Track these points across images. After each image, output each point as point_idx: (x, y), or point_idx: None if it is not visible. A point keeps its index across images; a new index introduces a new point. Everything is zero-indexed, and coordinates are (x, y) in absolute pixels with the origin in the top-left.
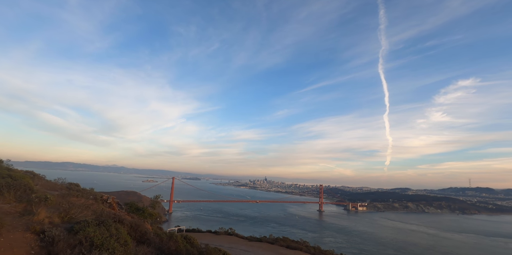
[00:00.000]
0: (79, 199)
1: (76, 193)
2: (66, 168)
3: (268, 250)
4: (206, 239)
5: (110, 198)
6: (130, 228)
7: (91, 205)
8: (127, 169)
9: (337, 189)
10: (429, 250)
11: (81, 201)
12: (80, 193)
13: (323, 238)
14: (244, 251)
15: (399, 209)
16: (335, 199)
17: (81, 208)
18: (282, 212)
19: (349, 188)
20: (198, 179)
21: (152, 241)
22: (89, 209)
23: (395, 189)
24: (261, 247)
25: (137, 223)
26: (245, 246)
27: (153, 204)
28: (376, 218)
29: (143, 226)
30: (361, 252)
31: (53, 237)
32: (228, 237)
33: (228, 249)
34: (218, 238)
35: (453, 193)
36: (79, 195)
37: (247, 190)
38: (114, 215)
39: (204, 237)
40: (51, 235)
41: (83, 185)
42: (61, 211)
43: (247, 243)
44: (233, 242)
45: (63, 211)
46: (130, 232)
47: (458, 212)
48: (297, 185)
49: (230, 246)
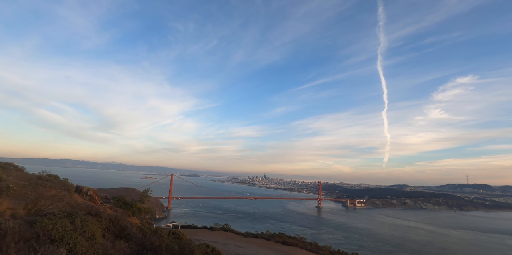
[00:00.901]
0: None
1: (44, 183)
2: (64, 165)
3: (263, 246)
4: (201, 235)
5: (91, 191)
6: (109, 222)
7: (64, 197)
8: (126, 166)
9: (335, 185)
10: (426, 246)
11: (53, 192)
12: (50, 183)
13: (322, 234)
14: (239, 247)
15: (397, 206)
16: (334, 195)
17: (51, 199)
18: (281, 209)
19: (347, 184)
20: (197, 176)
21: (133, 236)
22: (62, 201)
23: (393, 186)
24: (257, 243)
25: (117, 217)
26: (240, 242)
27: (142, 198)
28: (374, 214)
29: (124, 220)
30: (359, 248)
31: (6, 230)
32: (223, 233)
33: (223, 245)
34: (213, 234)
35: (450, 190)
36: (48, 185)
37: (245, 187)
38: (91, 207)
39: (199, 233)
40: (5, 228)
41: (82, 182)
42: (28, 203)
43: (242, 239)
44: (228, 238)
45: (31, 203)
46: (109, 226)
47: (455, 208)
48: (295, 182)
49: (225, 242)
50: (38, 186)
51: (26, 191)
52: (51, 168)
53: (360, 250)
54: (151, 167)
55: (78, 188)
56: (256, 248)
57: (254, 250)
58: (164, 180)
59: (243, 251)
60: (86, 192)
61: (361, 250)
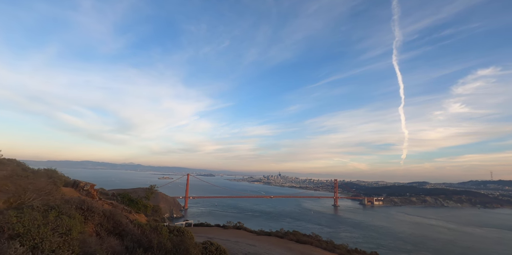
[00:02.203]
0: (34, 183)
1: (26, 173)
2: (85, 167)
3: (276, 244)
4: (214, 233)
5: (88, 185)
6: (102, 218)
7: (53, 191)
8: (144, 167)
9: (352, 183)
10: (449, 245)
11: (42, 185)
12: (33, 175)
13: (339, 233)
14: (250, 245)
15: (416, 203)
16: (350, 193)
17: (37, 193)
18: (297, 207)
19: (364, 182)
20: (212, 175)
21: (129, 233)
22: (50, 195)
23: (412, 183)
24: (269, 241)
25: (113, 213)
26: (252, 240)
27: (148, 195)
28: (393, 212)
29: (120, 216)
30: (378, 247)
31: None
32: (236, 231)
33: (234, 243)
34: (226, 232)
35: (473, 186)
36: (31, 177)
37: (261, 186)
38: (83, 202)
39: (212, 232)
40: None
41: (102, 183)
42: (10, 196)
43: (255, 237)
44: (240, 236)
45: (13, 196)
46: (102, 222)
47: (479, 206)
48: (311, 180)
49: (236, 240)
50: (21, 178)
51: (5, 183)
52: (73, 170)
53: (379, 249)
54: (168, 167)
55: (76, 182)
56: (268, 247)
57: (266, 249)
58: (181, 180)
59: (255, 250)
60: (82, 187)
61: (380, 249)
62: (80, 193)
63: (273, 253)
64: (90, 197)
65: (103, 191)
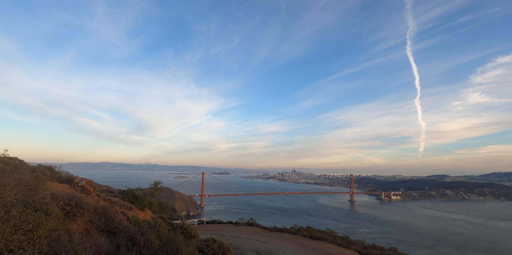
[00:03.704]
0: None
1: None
2: (104, 168)
3: (288, 240)
4: (225, 231)
5: (84, 181)
6: (93, 214)
7: (37, 186)
8: (160, 166)
9: (368, 178)
10: (472, 240)
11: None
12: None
13: (356, 228)
14: (262, 242)
15: (436, 197)
16: (367, 188)
17: (17, 188)
18: (313, 203)
19: (381, 176)
20: (227, 173)
21: (123, 230)
22: (34, 191)
23: (431, 176)
24: (281, 237)
25: (105, 209)
26: (264, 237)
27: (153, 191)
28: (411, 207)
29: (113, 213)
30: (397, 243)
31: None
32: (248, 227)
33: (245, 240)
34: (238, 229)
35: (496, 179)
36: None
37: (276, 182)
38: (72, 198)
39: (224, 229)
40: None
41: (121, 183)
42: None
43: (267, 234)
44: (252, 233)
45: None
46: (92, 218)
47: (503, 198)
48: (326, 176)
49: (248, 237)
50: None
51: None
52: (93, 171)
53: (398, 244)
54: (183, 166)
55: (71, 179)
56: (280, 243)
57: (278, 245)
58: (196, 179)
59: (265, 247)
60: (77, 183)
61: (399, 245)
62: (75, 189)
63: (284, 249)
64: (86, 193)
65: (109, 188)
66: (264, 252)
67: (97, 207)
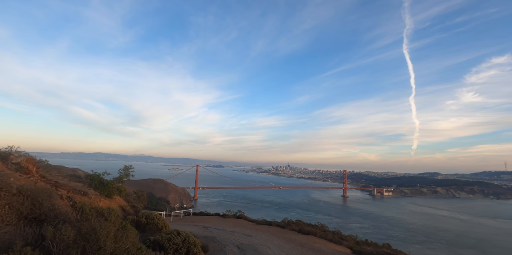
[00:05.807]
0: None
1: None
2: (98, 158)
3: (275, 234)
4: (211, 223)
5: (21, 158)
6: (16, 197)
7: None
8: (154, 158)
9: (361, 174)
10: (462, 236)
11: None
12: None
13: (349, 223)
14: (247, 235)
15: (427, 194)
16: (360, 184)
17: None
18: (306, 198)
19: (374, 173)
20: (221, 166)
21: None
22: None
23: (423, 174)
24: (268, 231)
25: (34, 192)
26: (250, 230)
27: (121, 177)
28: (403, 203)
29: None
30: (389, 238)
31: None
32: (235, 220)
33: (229, 233)
34: (224, 221)
35: (486, 177)
36: None
37: (270, 176)
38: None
39: (210, 221)
40: None
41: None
42: None
43: (254, 227)
44: (238, 226)
45: None
46: (12, 202)
47: (492, 197)
48: (320, 171)
49: (233, 230)
50: None
51: None
52: (86, 161)
53: (390, 240)
54: (178, 159)
55: (6, 155)
56: (266, 237)
57: (263, 239)
58: (190, 171)
59: (249, 241)
60: (11, 160)
61: (391, 240)
62: (7, 167)
63: (269, 244)
64: (24, 172)
65: (75, 173)
66: (246, 246)
67: (24, 189)
